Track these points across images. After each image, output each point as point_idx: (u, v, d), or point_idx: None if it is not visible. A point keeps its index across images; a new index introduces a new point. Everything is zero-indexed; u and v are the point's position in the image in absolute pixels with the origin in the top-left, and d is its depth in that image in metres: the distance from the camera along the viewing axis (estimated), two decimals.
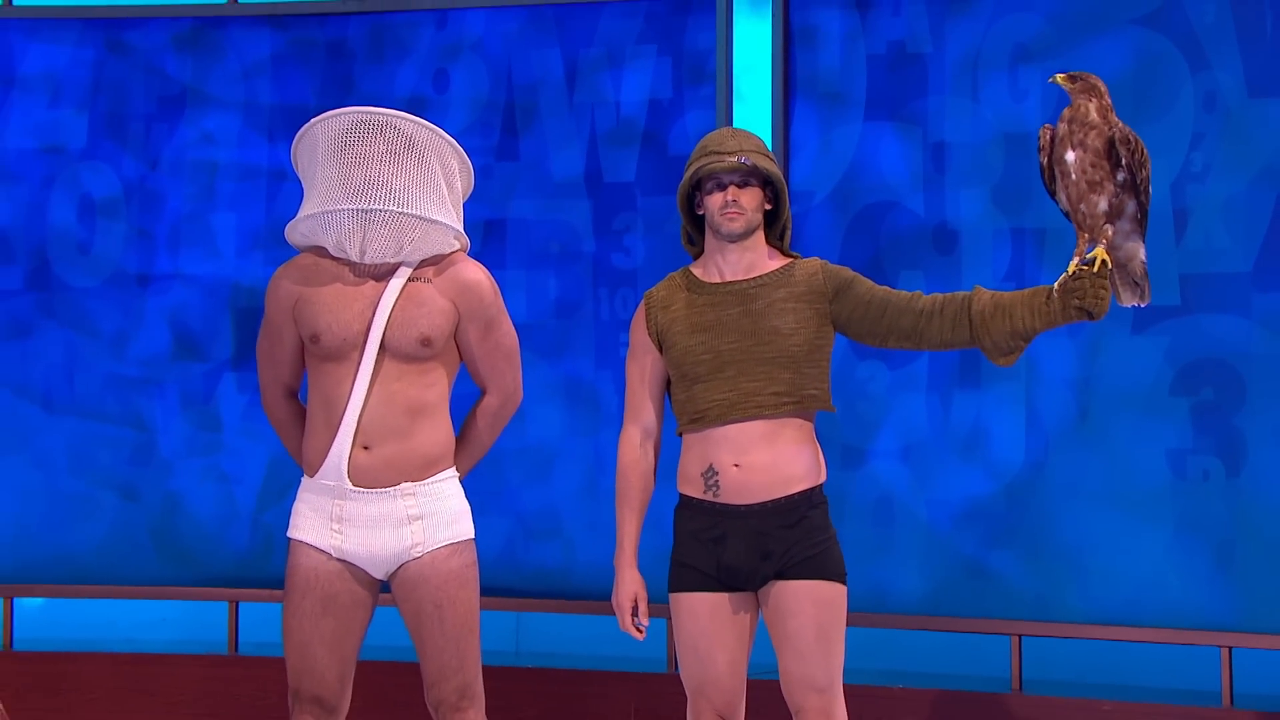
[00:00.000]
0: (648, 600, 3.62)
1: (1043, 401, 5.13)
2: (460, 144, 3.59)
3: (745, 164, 3.51)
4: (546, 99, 5.68)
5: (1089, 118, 3.34)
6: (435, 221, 3.50)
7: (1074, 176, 3.35)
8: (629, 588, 3.60)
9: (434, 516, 3.57)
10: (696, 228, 3.66)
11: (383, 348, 3.51)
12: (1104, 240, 3.36)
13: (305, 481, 3.61)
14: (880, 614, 5.24)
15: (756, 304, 3.55)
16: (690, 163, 3.59)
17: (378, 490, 3.53)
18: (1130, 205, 3.36)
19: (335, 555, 3.55)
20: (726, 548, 3.51)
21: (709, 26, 5.52)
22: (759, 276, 3.58)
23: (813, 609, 3.49)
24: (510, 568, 5.60)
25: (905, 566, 5.24)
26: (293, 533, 3.60)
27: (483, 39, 5.74)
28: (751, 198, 3.54)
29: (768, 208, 3.60)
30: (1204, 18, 5.00)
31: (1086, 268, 3.34)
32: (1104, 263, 3.33)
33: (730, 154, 3.52)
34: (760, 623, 3.60)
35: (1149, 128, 4.93)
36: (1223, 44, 4.97)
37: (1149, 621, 4.98)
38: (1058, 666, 5.32)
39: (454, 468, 3.65)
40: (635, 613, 3.60)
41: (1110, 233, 3.36)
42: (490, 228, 5.66)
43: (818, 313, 3.56)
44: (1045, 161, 3.41)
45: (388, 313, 3.51)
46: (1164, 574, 4.97)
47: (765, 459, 3.50)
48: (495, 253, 5.60)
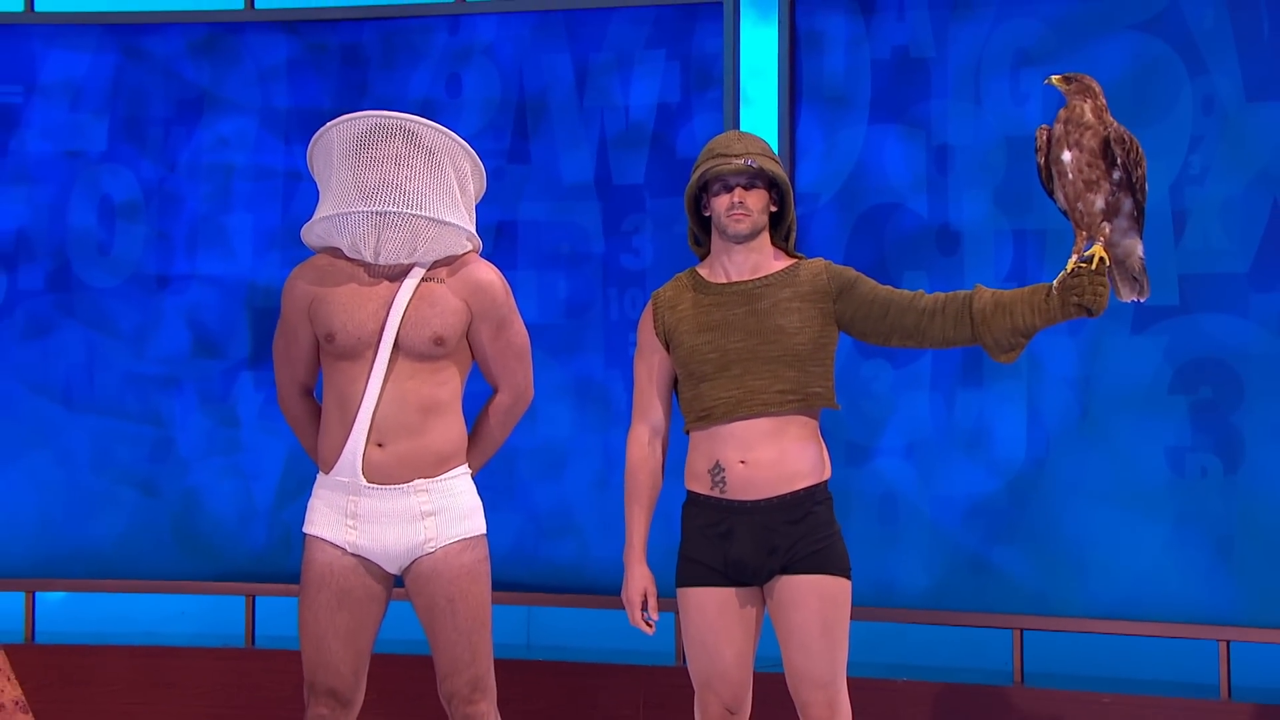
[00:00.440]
0: (657, 595, 3.63)
1: (1044, 400, 5.13)
2: (472, 147, 3.62)
3: (751, 166, 3.53)
4: (557, 102, 5.69)
5: (1084, 118, 3.35)
6: (448, 223, 3.53)
7: (1071, 176, 3.36)
8: (638, 583, 3.61)
9: (447, 512, 3.60)
10: (703, 229, 3.68)
11: (396, 347, 3.54)
12: (1101, 238, 3.37)
13: (320, 478, 3.63)
14: (884, 608, 5.25)
15: (762, 303, 3.57)
16: (697, 165, 3.61)
17: (391, 486, 3.56)
18: (1127, 203, 3.37)
19: (350, 550, 3.58)
20: (733, 543, 3.53)
21: (716, 32, 5.53)
22: (764, 277, 3.60)
23: (817, 603, 3.51)
24: (522, 563, 5.61)
25: (909, 562, 5.25)
26: (308, 528, 3.62)
27: (494, 44, 5.75)
28: (757, 199, 3.57)
29: (773, 209, 3.62)
30: (1202, 23, 5.00)
31: (1085, 265, 3.35)
32: (1102, 260, 3.35)
33: (736, 156, 3.54)
34: (766, 618, 3.61)
35: (1148, 130, 4.94)
36: (1221, 49, 4.97)
37: (1148, 616, 4.98)
38: (1058, 660, 5.32)
39: (466, 464, 3.67)
40: (645, 607, 3.62)
41: (1108, 230, 3.37)
42: (501, 229, 5.67)
43: (822, 312, 3.58)
44: (1042, 161, 3.41)
45: (401, 312, 3.54)
46: (1163, 569, 4.97)
47: (771, 455, 3.53)
48: (506, 254, 5.61)
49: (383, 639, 3.78)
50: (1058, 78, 3.40)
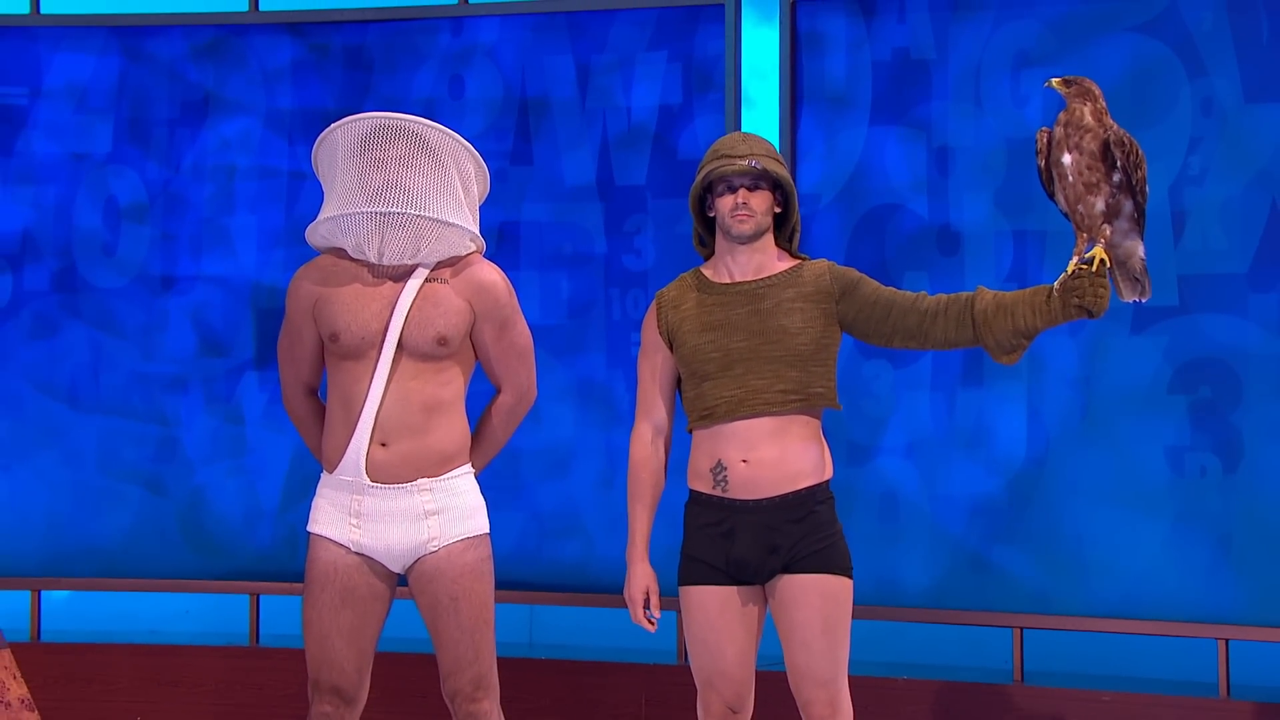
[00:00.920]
0: (659, 593, 3.64)
1: (1044, 399, 5.14)
2: (475, 148, 3.64)
3: (755, 167, 3.54)
4: (559, 104, 5.71)
5: (1084, 121, 3.35)
6: (451, 224, 3.54)
7: (1071, 178, 3.36)
8: (640, 581, 3.62)
9: (450, 511, 3.61)
10: (707, 229, 3.69)
11: (400, 347, 3.55)
12: (1102, 240, 3.37)
13: (324, 477, 3.65)
14: (885, 607, 5.26)
15: (765, 303, 3.58)
16: (702, 166, 3.62)
17: (395, 486, 3.57)
18: (1127, 205, 3.38)
19: (354, 549, 3.59)
20: (735, 542, 3.54)
21: (718, 34, 5.54)
22: (768, 277, 3.61)
23: (819, 602, 3.52)
24: (526, 563, 5.62)
25: (909, 560, 5.26)
26: (312, 527, 3.63)
27: (496, 45, 5.77)
28: (761, 200, 3.58)
29: (777, 210, 3.63)
30: (1202, 25, 5.01)
31: (1086, 267, 3.36)
32: (1102, 262, 3.35)
33: (741, 157, 3.55)
34: (768, 617, 3.62)
35: (1147, 132, 4.95)
36: (1220, 51, 4.99)
37: (1148, 614, 4.99)
38: (1058, 658, 5.33)
39: (469, 464, 3.69)
40: (647, 605, 3.62)
41: (1108, 232, 3.38)
42: (504, 230, 5.68)
43: (824, 313, 3.60)
44: (1043, 164, 3.41)
45: (405, 313, 3.55)
46: (1162, 568, 4.98)
47: (772, 455, 3.54)
48: (509, 255, 5.62)
49: (388, 637, 3.79)
50: (1057, 80, 3.40)
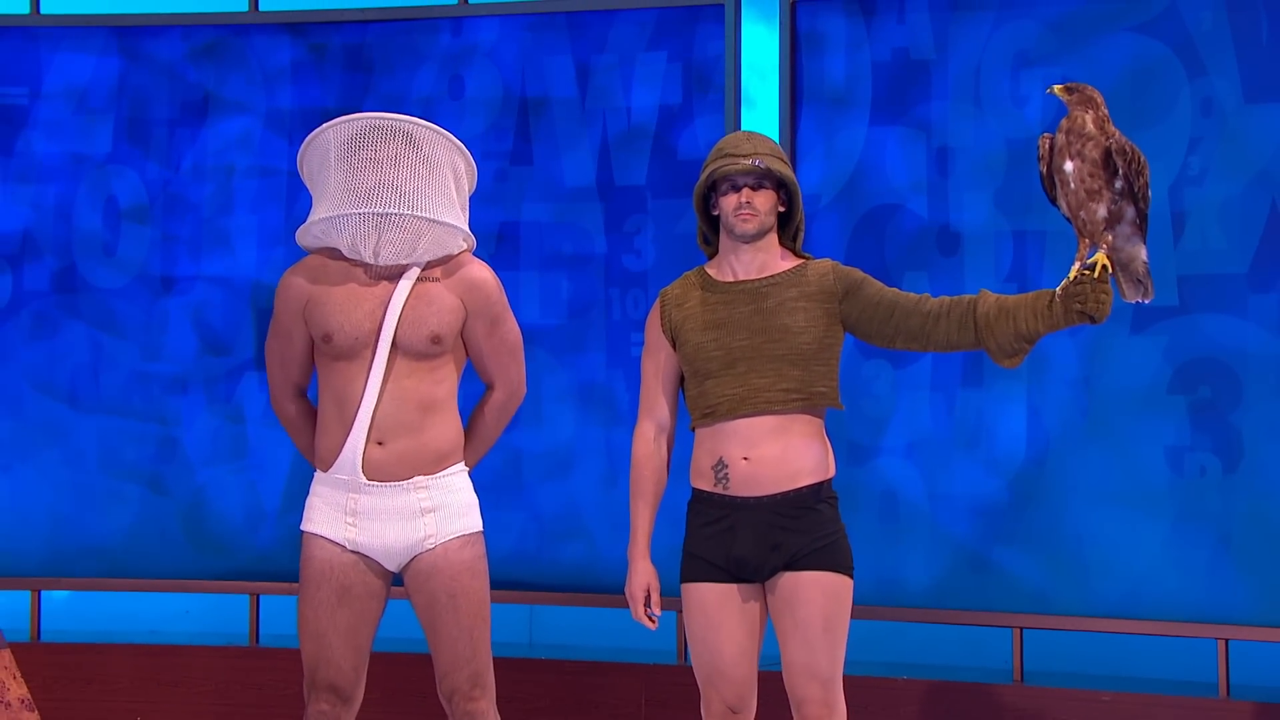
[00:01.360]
0: (660, 591, 3.64)
1: (1044, 399, 5.15)
2: (474, 148, 3.65)
3: (759, 167, 3.55)
4: (559, 104, 5.71)
5: (1085, 129, 3.35)
6: (446, 224, 3.57)
7: (1073, 185, 3.37)
8: (641, 578, 3.62)
9: (446, 509, 3.63)
10: (712, 228, 3.70)
11: (394, 346, 3.57)
12: (1104, 246, 3.38)
13: (318, 476, 3.66)
14: (884, 607, 5.26)
15: (768, 302, 3.59)
16: (706, 164, 3.63)
17: (391, 484, 3.59)
18: (1129, 211, 3.38)
19: (350, 548, 3.60)
20: (736, 539, 3.54)
21: (718, 34, 5.54)
22: (771, 276, 3.62)
23: (821, 599, 3.52)
24: (527, 563, 5.62)
25: (909, 560, 5.26)
26: (307, 526, 3.64)
27: (497, 45, 5.77)
28: (765, 200, 3.59)
29: (781, 210, 3.64)
30: (1201, 25, 5.01)
31: (1088, 273, 3.36)
32: (1104, 268, 3.36)
33: (745, 156, 3.56)
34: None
35: (1147, 132, 4.97)
36: (1219, 51, 4.99)
37: (1147, 614, 5.00)
38: (1058, 658, 5.34)
39: (463, 461, 3.71)
40: (648, 603, 3.62)
41: (1110, 238, 3.39)
42: (504, 230, 5.67)
43: (827, 312, 3.60)
44: (1045, 170, 3.42)
45: (399, 312, 3.57)
46: (1162, 568, 4.99)
47: (774, 452, 3.54)
48: (508, 255, 5.60)
49: (386, 637, 3.80)
50: (1060, 87, 3.41)
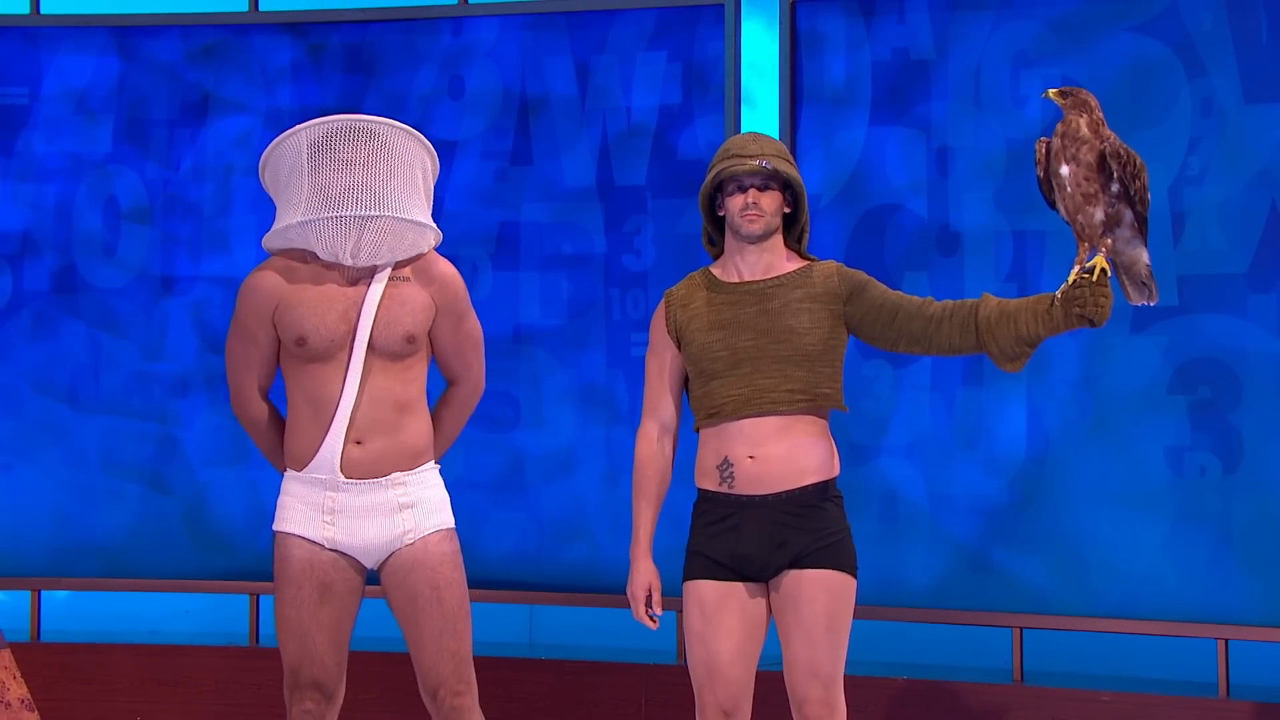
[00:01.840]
0: (661, 591, 3.64)
1: (1045, 400, 5.15)
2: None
3: (766, 167, 3.56)
4: (559, 104, 5.71)
5: (1080, 133, 3.35)
6: (421, 224, 3.59)
7: (1069, 190, 3.38)
8: (643, 578, 3.62)
9: (423, 504, 3.65)
10: (717, 229, 3.70)
11: (370, 347, 3.58)
12: (1103, 249, 3.39)
13: (290, 476, 3.66)
14: (885, 607, 5.27)
15: (773, 303, 3.59)
16: (712, 165, 3.63)
17: (369, 481, 3.60)
18: (1127, 214, 3.38)
19: (328, 546, 3.60)
20: (741, 536, 3.54)
21: (718, 34, 5.55)
22: (777, 277, 3.63)
23: (825, 597, 3.52)
24: (528, 564, 5.63)
25: (909, 560, 5.27)
26: (282, 526, 3.64)
27: (497, 45, 5.78)
28: (771, 200, 3.59)
29: (787, 211, 3.65)
30: (1201, 25, 5.02)
31: (1087, 276, 3.36)
32: (1103, 271, 3.36)
33: (751, 157, 3.57)
34: (771, 625, 3.62)
35: (1147, 132, 4.99)
36: (1219, 51, 5.00)
37: (1147, 614, 5.00)
38: (1058, 658, 5.34)
39: (434, 458, 3.73)
40: (649, 603, 3.62)
41: (1109, 242, 3.39)
42: (504, 231, 5.68)
43: (832, 314, 3.61)
44: (1042, 174, 3.43)
45: (373, 313, 3.58)
46: (1162, 568, 5.00)
47: (780, 451, 3.55)
48: (508, 255, 5.61)
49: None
50: (1054, 92, 3.41)
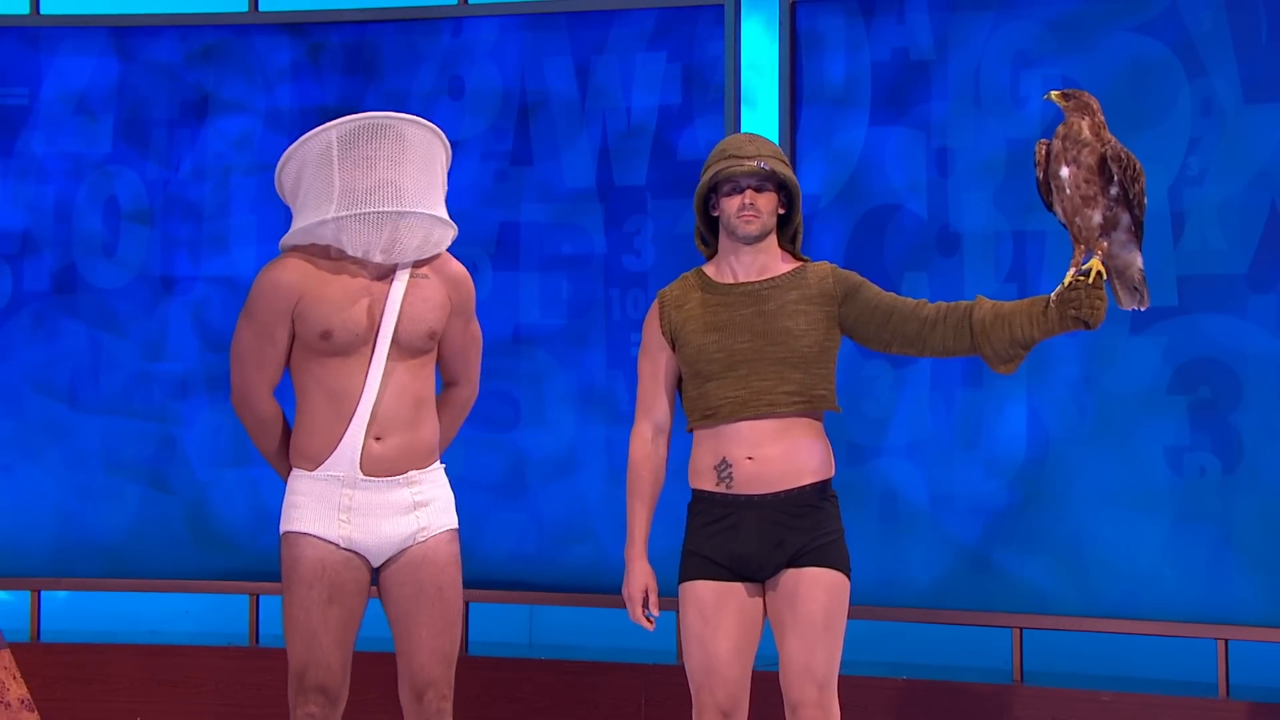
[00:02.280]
0: (658, 592, 3.64)
1: (1044, 400, 5.15)
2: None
3: (763, 169, 3.56)
4: (559, 104, 5.71)
5: (1082, 135, 3.36)
6: (448, 223, 3.60)
7: (1069, 191, 3.38)
8: (640, 579, 3.62)
9: (436, 502, 3.66)
10: (709, 229, 3.70)
11: (394, 342, 3.58)
12: (1099, 252, 3.40)
13: (301, 474, 3.62)
14: (884, 607, 5.27)
15: (769, 305, 3.59)
16: (708, 165, 3.63)
17: (387, 479, 3.59)
18: (1125, 218, 3.39)
19: (343, 545, 3.58)
20: (739, 536, 3.54)
21: (717, 34, 5.55)
22: (772, 278, 3.62)
23: (824, 595, 3.52)
24: (529, 564, 5.62)
25: (909, 560, 5.27)
26: (294, 525, 3.60)
27: (497, 45, 5.78)
28: (767, 201, 3.59)
29: (781, 212, 3.65)
30: (1201, 25, 5.02)
31: (1082, 279, 3.37)
32: (1099, 274, 3.37)
33: (748, 158, 3.56)
34: (766, 625, 3.62)
35: (1147, 132, 4.99)
36: (1219, 51, 4.99)
37: (1147, 615, 5.00)
38: (1058, 658, 5.35)
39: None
40: (646, 603, 3.62)
41: (1105, 245, 3.40)
42: (504, 231, 5.69)
43: (827, 315, 3.61)
44: (1041, 176, 3.43)
45: (397, 309, 3.58)
46: (1162, 568, 4.99)
47: (778, 451, 3.54)
48: (508, 256, 5.61)
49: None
50: (1056, 94, 3.42)
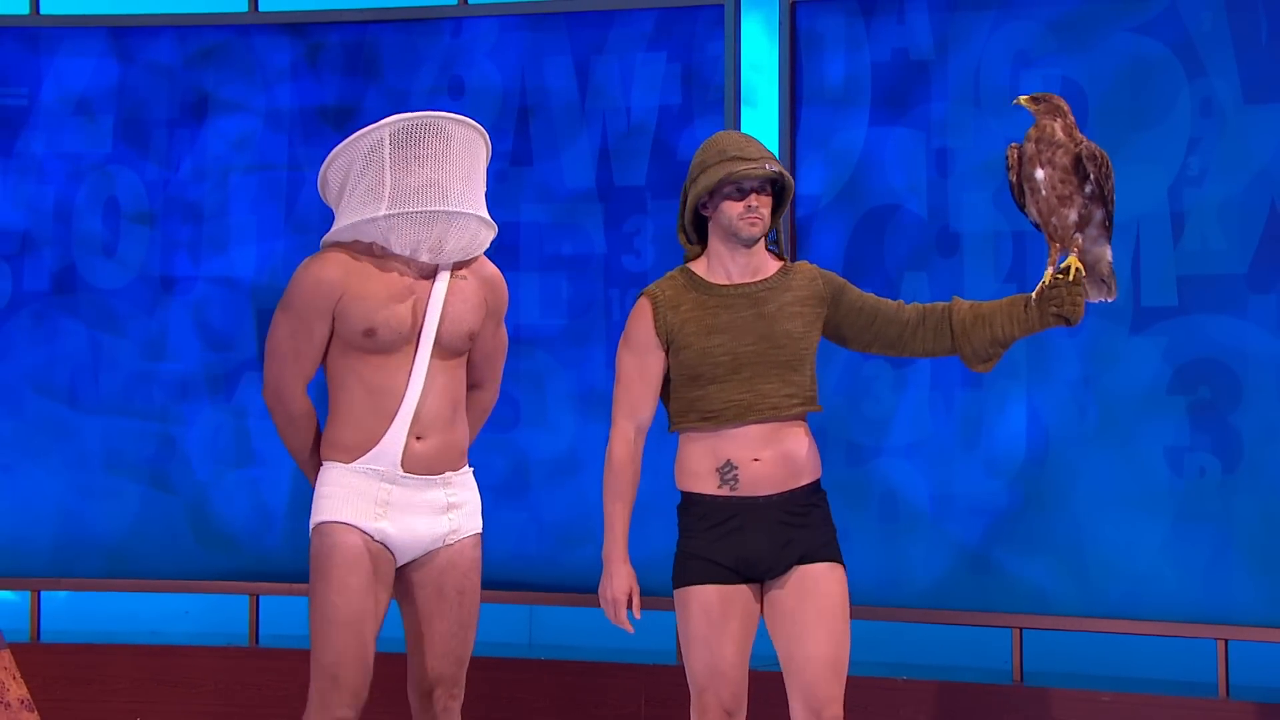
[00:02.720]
0: (640, 594, 3.62)
1: (1044, 400, 5.15)
2: None
3: (773, 172, 3.54)
4: (558, 104, 5.72)
5: (1055, 137, 3.47)
6: (492, 224, 3.61)
7: (1044, 192, 3.48)
8: (624, 582, 3.59)
9: (467, 505, 3.66)
10: (694, 226, 3.65)
11: (437, 342, 3.57)
12: (1075, 249, 3.49)
13: (336, 465, 3.58)
14: (884, 607, 5.27)
15: (768, 307, 3.59)
16: (708, 164, 3.57)
17: (425, 477, 3.59)
18: (1098, 214, 3.50)
19: (377, 538, 3.56)
20: (747, 539, 3.54)
21: (717, 34, 5.55)
22: (765, 280, 3.62)
23: (839, 589, 3.55)
24: (530, 565, 5.63)
25: (909, 561, 5.27)
26: (332, 515, 3.55)
27: (497, 45, 5.79)
28: (768, 204, 3.59)
29: None
30: (1201, 25, 5.02)
31: (1062, 276, 3.45)
32: (1078, 271, 3.45)
33: (754, 161, 3.54)
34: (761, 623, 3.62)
35: (1147, 133, 4.99)
36: (1219, 51, 4.99)
37: (1147, 615, 5.00)
38: (1058, 658, 5.35)
39: None
40: (629, 605, 3.60)
41: (1081, 241, 3.49)
42: (504, 231, 5.67)
43: (818, 317, 3.63)
44: (1014, 179, 3.53)
45: (440, 309, 3.58)
46: (1162, 568, 4.99)
47: (780, 452, 3.55)
48: (508, 256, 5.58)
49: (393, 637, 3.76)
50: (1026, 99, 3.51)
